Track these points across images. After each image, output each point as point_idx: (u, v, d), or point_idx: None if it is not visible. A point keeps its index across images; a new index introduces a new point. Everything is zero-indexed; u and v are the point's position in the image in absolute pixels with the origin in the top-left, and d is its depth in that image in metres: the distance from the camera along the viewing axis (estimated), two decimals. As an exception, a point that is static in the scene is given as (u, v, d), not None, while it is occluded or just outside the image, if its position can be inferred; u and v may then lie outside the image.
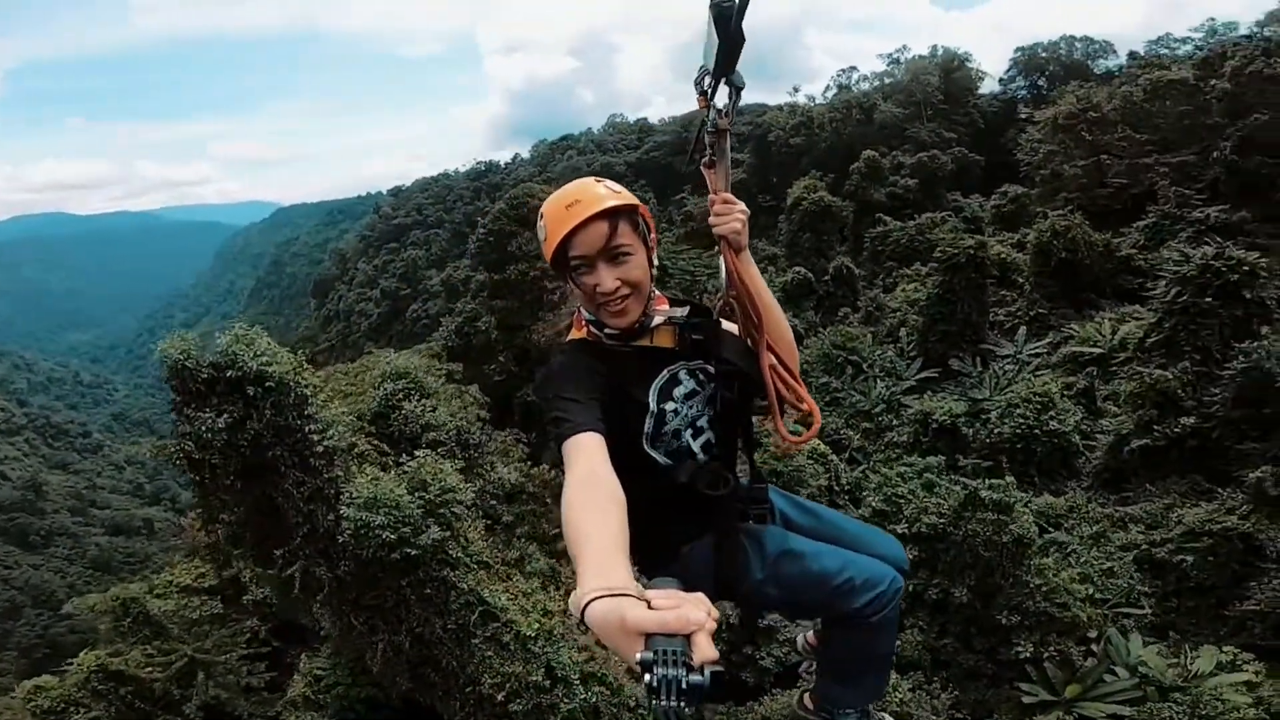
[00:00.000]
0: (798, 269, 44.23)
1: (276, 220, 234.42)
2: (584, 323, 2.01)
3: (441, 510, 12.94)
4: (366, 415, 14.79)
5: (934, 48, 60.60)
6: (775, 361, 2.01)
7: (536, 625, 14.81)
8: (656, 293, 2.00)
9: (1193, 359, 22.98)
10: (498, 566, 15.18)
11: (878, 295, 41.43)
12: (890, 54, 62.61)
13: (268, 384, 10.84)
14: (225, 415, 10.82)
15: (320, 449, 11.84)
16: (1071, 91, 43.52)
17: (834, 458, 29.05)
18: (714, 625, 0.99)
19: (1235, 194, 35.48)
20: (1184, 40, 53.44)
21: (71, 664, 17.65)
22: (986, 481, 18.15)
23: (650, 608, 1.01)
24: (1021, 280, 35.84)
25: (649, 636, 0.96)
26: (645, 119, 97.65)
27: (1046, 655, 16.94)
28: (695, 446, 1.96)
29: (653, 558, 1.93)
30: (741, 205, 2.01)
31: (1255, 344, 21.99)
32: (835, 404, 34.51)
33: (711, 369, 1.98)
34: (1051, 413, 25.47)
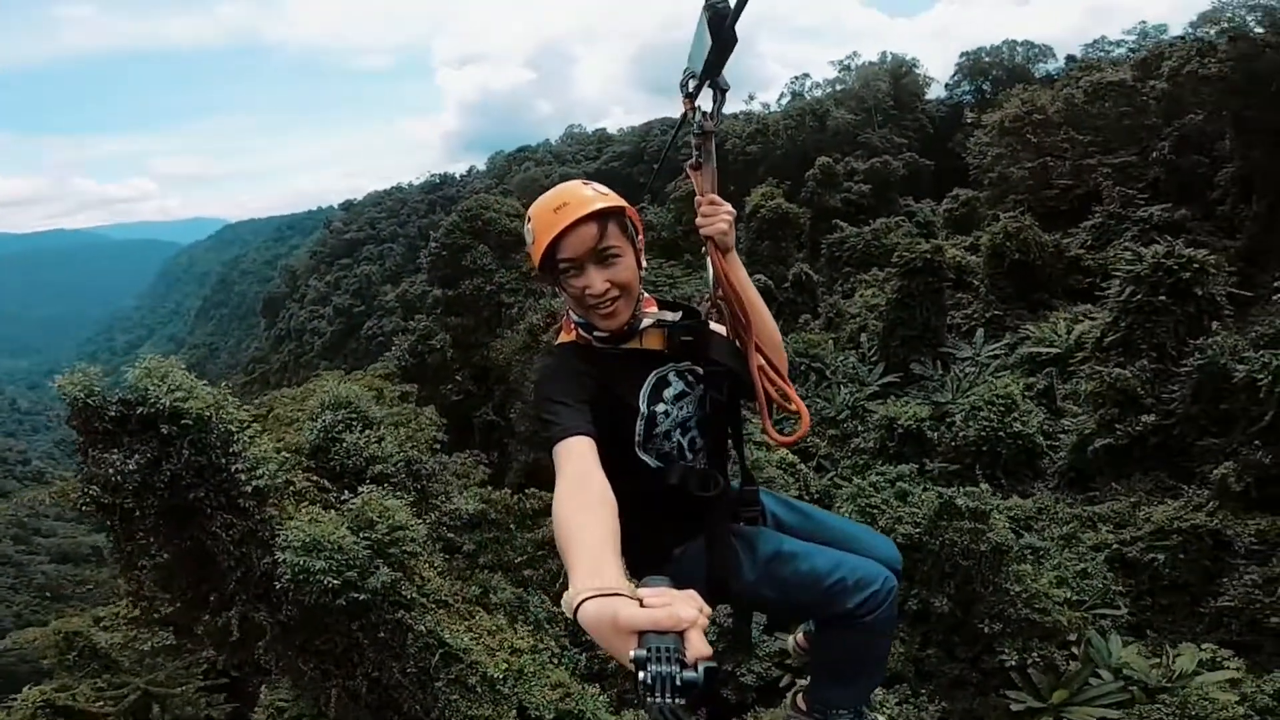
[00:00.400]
0: (758, 277, 43.80)
1: (223, 237, 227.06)
2: (573, 326, 1.97)
3: (391, 550, 11.82)
4: (304, 449, 13.56)
5: (883, 54, 61.34)
6: (763, 362, 2.00)
7: (504, 665, 13.75)
8: (645, 295, 1.98)
9: (1150, 357, 23.07)
10: (458, 604, 14.06)
11: (837, 301, 41.31)
12: (842, 61, 63.26)
13: (184, 421, 9.63)
14: (137, 456, 9.56)
15: (249, 489, 10.63)
16: (1016, 95, 44.22)
17: (802, 466, 28.56)
18: (706, 622, 0.98)
19: (1174, 193, 36.29)
20: (1118, 43, 55.06)
21: (15, 699, 16.52)
22: (961, 489, 17.70)
23: (642, 606, 1.00)
24: (976, 283, 36.03)
25: (642, 634, 0.95)
26: (604, 129, 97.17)
27: (1030, 661, 16.56)
28: (684, 447, 1.95)
29: (645, 561, 1.86)
30: (728, 206, 2.00)
31: (1209, 340, 22.17)
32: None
33: (700, 370, 1.98)
34: (1015, 414, 25.36)
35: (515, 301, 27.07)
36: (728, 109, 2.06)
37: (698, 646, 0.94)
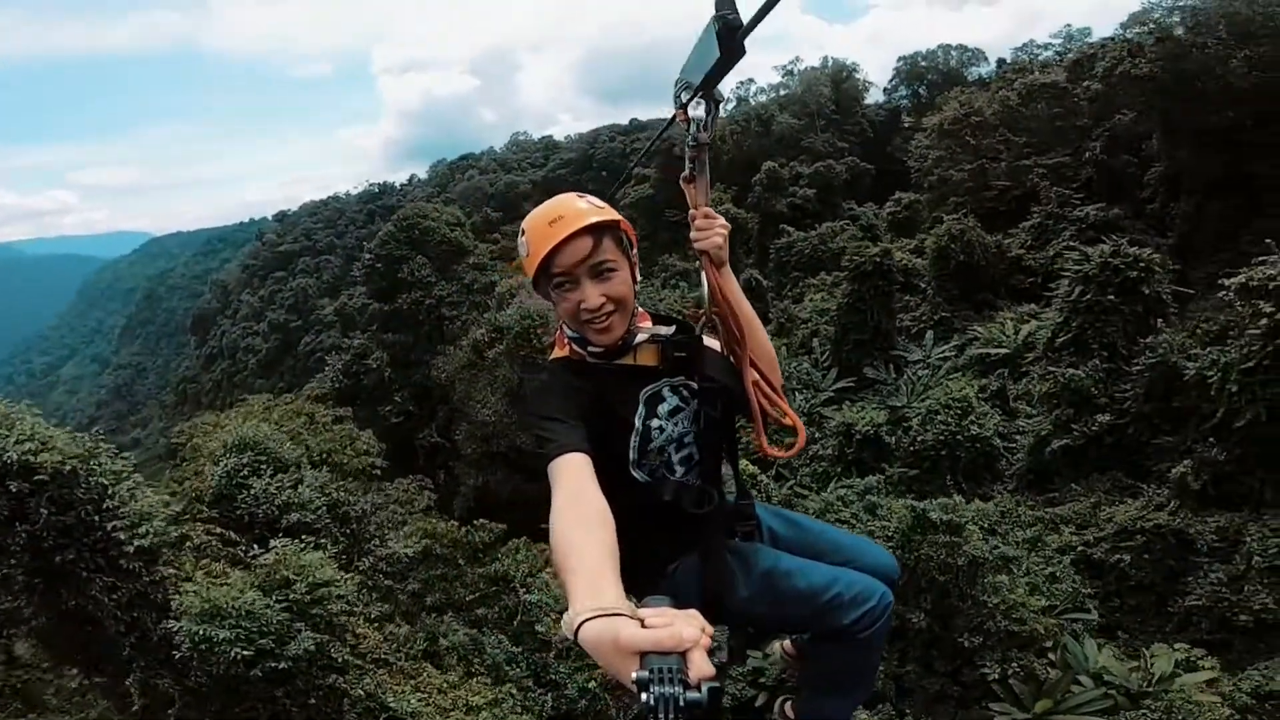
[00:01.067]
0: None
1: (149, 251, 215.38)
2: (566, 341, 1.94)
3: (315, 611, 10.16)
4: (205, 497, 11.72)
5: (824, 59, 61.62)
6: (758, 377, 1.99)
7: (459, 726, 12.18)
8: (639, 309, 1.94)
9: (1101, 356, 22.91)
10: (401, 662, 12.41)
11: (788, 306, 40.76)
12: (785, 66, 63.30)
13: (38, 477, 7.85)
14: (-17, 519, 7.74)
15: (131, 548, 8.86)
16: (954, 97, 44.61)
17: (762, 477, 27.65)
18: (709, 642, 0.97)
19: (1106, 192, 36.95)
20: (1045, 46, 56.48)
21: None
22: (934, 501, 16.96)
23: (644, 626, 0.99)
24: (923, 285, 35.91)
25: (644, 655, 0.94)
26: (550, 136, 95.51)
27: (1011, 672, 15.89)
28: (678, 463, 1.92)
29: (639, 578, 1.60)
30: (722, 220, 1.95)
31: (1158, 338, 22.14)
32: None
33: (695, 385, 1.94)
34: (972, 417, 24.97)
35: (457, 316, 25.36)
36: (695, 109, 1.91)
37: (700, 667, 0.92)
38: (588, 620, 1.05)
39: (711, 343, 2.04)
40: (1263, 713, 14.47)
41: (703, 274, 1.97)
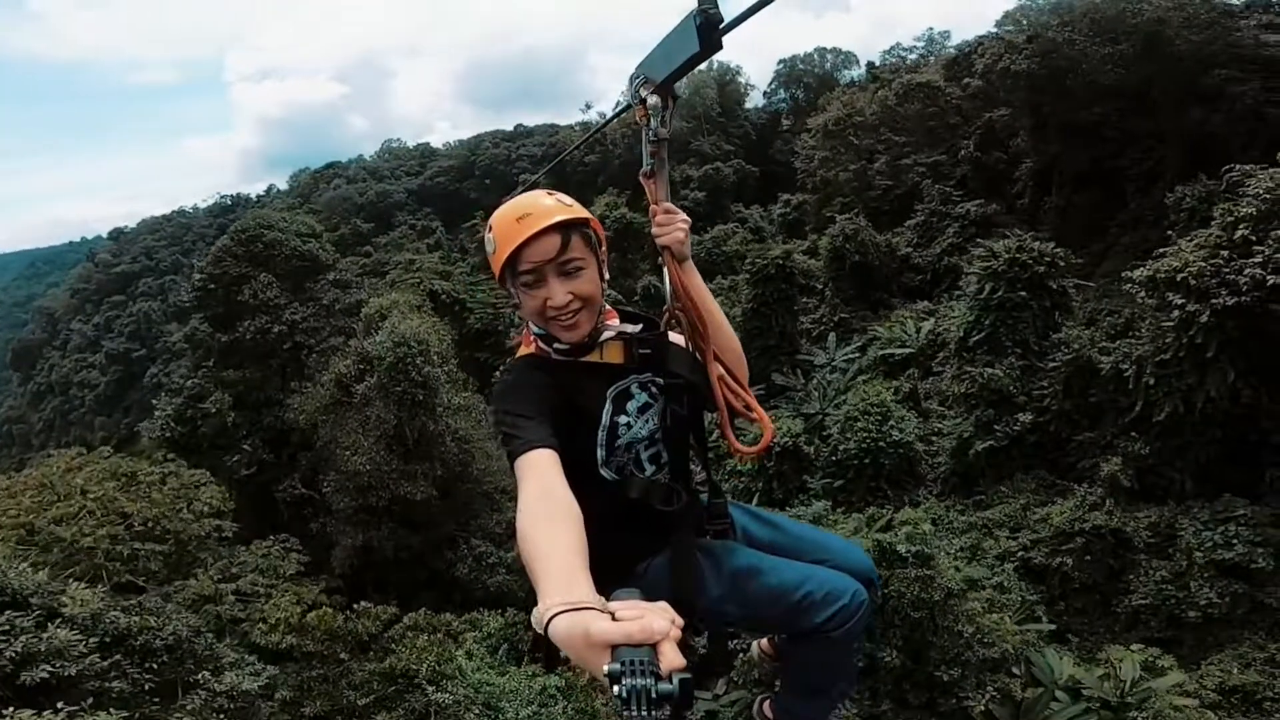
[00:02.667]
0: (607, 292, 40.06)
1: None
2: (532, 339, 1.87)
3: None
4: None
5: (709, 62, 60.37)
6: (723, 372, 1.93)
7: None
8: (606, 307, 1.89)
9: (1016, 354, 21.97)
10: None
11: (688, 312, 38.50)
12: (668, 70, 61.13)
13: None
14: None
15: None
16: (837, 98, 44.16)
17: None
18: (679, 633, 0.96)
19: (981, 189, 37.38)
20: (910, 49, 58.04)
21: None
22: (902, 532, 14.88)
23: (614, 619, 0.97)
24: (820, 286, 34.66)
25: (615, 648, 0.93)
26: (427, 144, 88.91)
27: (989, 697, 14.11)
28: (646, 461, 1.86)
29: (609, 576, 1.44)
30: (683, 215, 1.92)
31: (1071, 333, 21.45)
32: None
33: (662, 381, 1.89)
34: (892, 422, 23.48)
35: (316, 344, 20.82)
36: (560, 122, 2.27)
37: (671, 658, 0.92)
38: (558, 614, 1.03)
39: (679, 339, 1.96)
40: (1230, 707, 14.19)
41: (664, 270, 1.93)
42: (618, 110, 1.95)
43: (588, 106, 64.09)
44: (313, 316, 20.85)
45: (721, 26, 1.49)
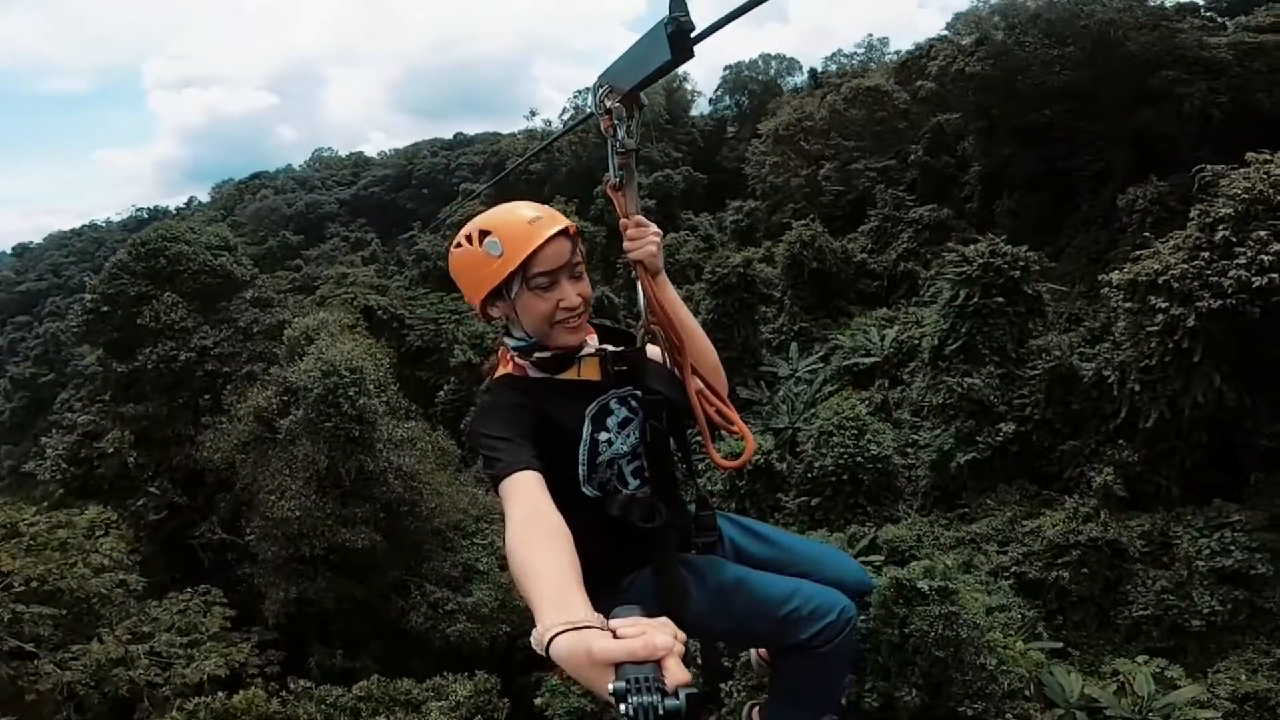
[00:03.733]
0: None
1: None
2: (509, 358, 1.82)
3: None
4: None
5: (657, 69, 58.96)
6: (701, 385, 1.87)
7: None
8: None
9: (994, 362, 20.91)
10: None
11: (644, 323, 36.59)
12: (614, 76, 59.38)
13: None
14: None
15: None
16: (787, 103, 43.27)
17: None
18: (682, 649, 0.94)
19: (931, 193, 36.93)
20: (851, 55, 58.14)
21: None
22: (920, 566, 13.34)
23: (616, 637, 0.95)
24: (778, 295, 33.30)
25: (619, 666, 0.91)
26: (361, 153, 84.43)
27: None
28: (630, 475, 1.81)
29: (594, 592, 1.39)
30: (654, 227, 1.88)
31: (1049, 340, 20.54)
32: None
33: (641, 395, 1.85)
34: (869, 436, 22.14)
35: (233, 372, 17.84)
36: (508, 128, 1.71)
37: (676, 674, 0.89)
38: (559, 634, 1.01)
39: (656, 351, 1.92)
40: (1245, 715, 13.71)
41: (638, 283, 1.87)
42: (579, 119, 1.94)
43: (532, 114, 62.07)
44: (227, 341, 17.87)
45: (694, 34, 1.44)
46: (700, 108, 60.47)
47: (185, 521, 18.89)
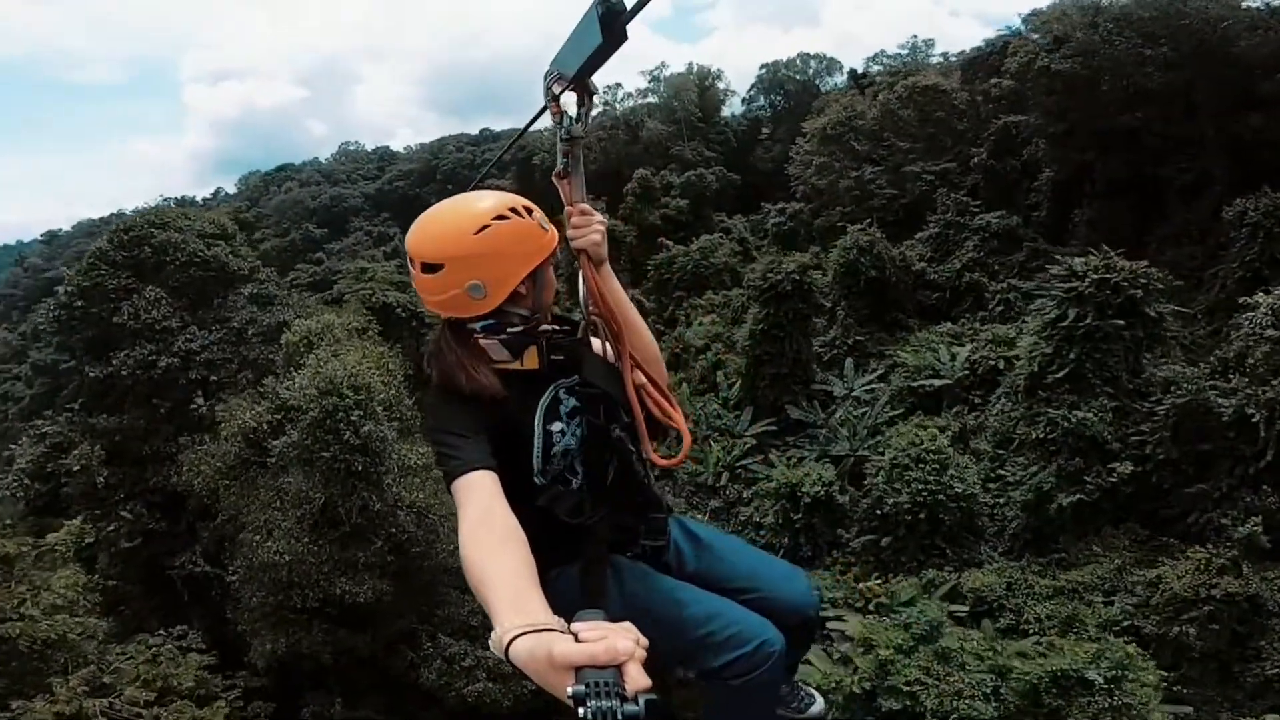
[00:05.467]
0: (585, 308, 34.85)
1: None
2: None
3: None
4: None
5: (689, 64, 55.87)
6: (643, 379, 1.77)
7: None
8: None
9: (1106, 393, 17.57)
10: None
11: (682, 333, 33.43)
12: (651, 71, 56.55)
13: None
14: None
15: None
16: (835, 100, 39.96)
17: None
18: (644, 654, 0.91)
19: (994, 199, 33.46)
20: (894, 56, 54.97)
21: None
22: (1086, 649, 10.24)
23: (577, 640, 0.93)
24: (830, 305, 29.95)
25: (579, 670, 0.89)
26: (387, 147, 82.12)
27: None
28: (579, 467, 1.70)
29: None
30: (600, 216, 1.80)
31: (1178, 370, 17.21)
32: (665, 478, 25.42)
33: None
34: (952, 471, 18.91)
35: (222, 381, 14.88)
36: (537, 125, 1.83)
37: (636, 679, 0.87)
38: (519, 636, 0.99)
39: (598, 343, 1.83)
40: None
41: (580, 274, 1.78)
42: (538, 113, 1.77)
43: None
44: (217, 344, 14.96)
45: (624, 16, 1.37)
46: (733, 107, 57.28)
47: (163, 549, 16.00)
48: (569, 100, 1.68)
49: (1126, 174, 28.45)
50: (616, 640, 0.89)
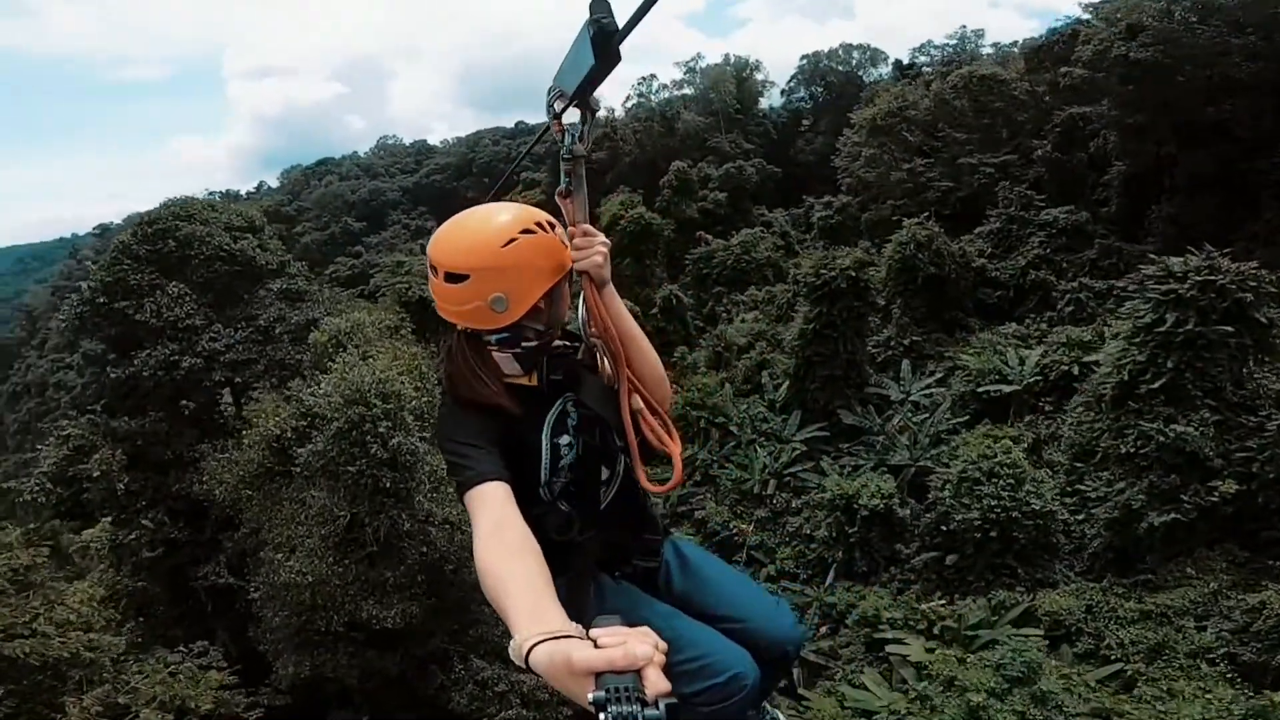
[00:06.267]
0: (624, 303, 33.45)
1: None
2: None
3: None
4: None
5: (726, 55, 53.93)
6: (641, 405, 1.72)
7: None
8: None
9: (1209, 406, 15.59)
10: None
11: (725, 331, 31.86)
12: (686, 62, 54.79)
13: None
14: None
15: None
16: (885, 89, 37.82)
17: (737, 557, 18.50)
18: (663, 659, 0.91)
19: (1058, 194, 31.12)
20: (942, 46, 52.51)
21: None
22: (1221, 696, 8.67)
23: (596, 646, 0.93)
24: (883, 302, 28.07)
25: (599, 675, 0.88)
26: (425, 141, 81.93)
27: None
28: (573, 487, 1.72)
29: None
30: (602, 237, 1.74)
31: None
32: (708, 484, 24.00)
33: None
34: (1029, 486, 17.13)
35: (247, 382, 13.90)
36: (570, 118, 1.67)
37: (656, 684, 0.87)
38: (538, 643, 0.99)
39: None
40: None
41: (581, 295, 1.77)
42: (540, 133, 1.75)
43: (596, 102, 57.07)
44: (243, 344, 13.99)
45: (616, 36, 1.33)
46: (771, 99, 55.19)
47: (187, 558, 15.13)
48: (571, 117, 1.63)
49: (1212, 168, 25.95)
50: (635, 645, 0.88)
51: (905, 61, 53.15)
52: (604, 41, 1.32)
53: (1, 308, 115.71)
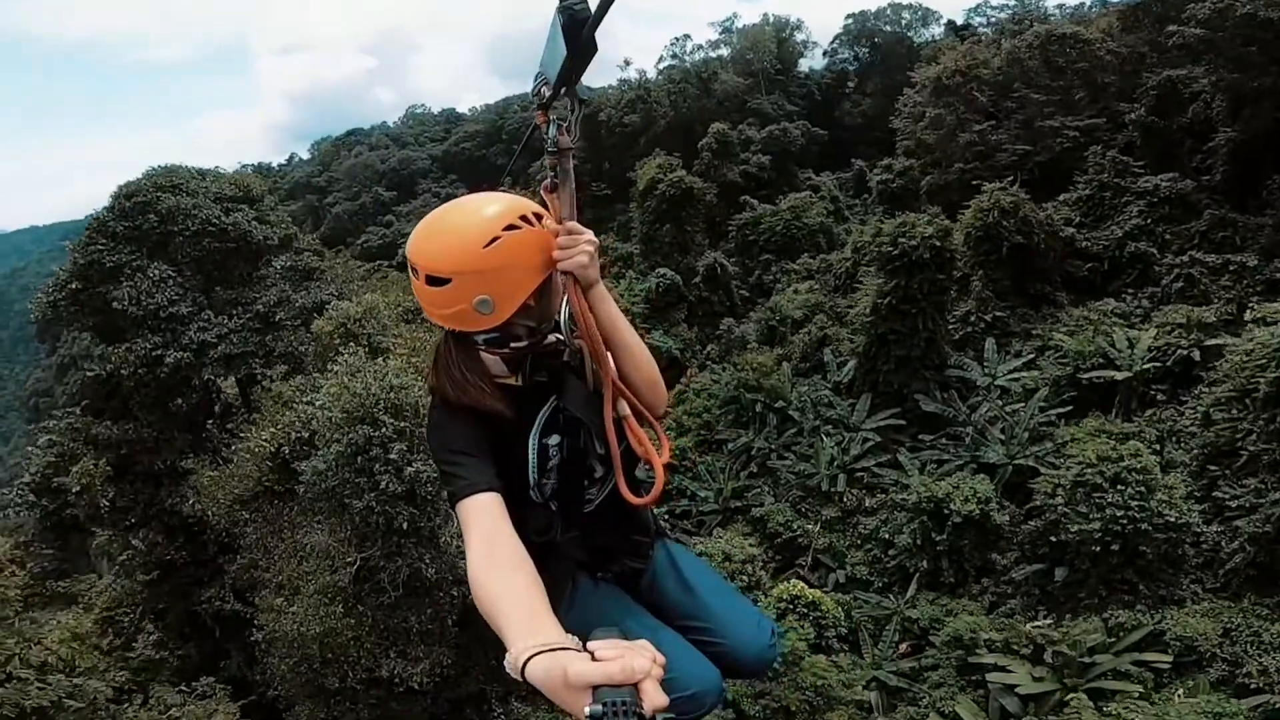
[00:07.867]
0: (662, 272, 30.50)
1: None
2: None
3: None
4: None
5: (765, 15, 49.57)
6: (628, 412, 1.59)
7: None
8: None
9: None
10: None
11: (777, 302, 28.79)
12: (722, 22, 50.51)
13: None
14: None
15: None
16: (949, 47, 33.82)
17: (808, 592, 15.90)
18: (661, 672, 0.88)
19: (1154, 161, 27.14)
20: (1000, 7, 47.66)
21: None
22: None
23: (594, 659, 0.90)
24: (963, 274, 24.67)
25: (596, 689, 0.86)
26: (453, 109, 78.83)
27: None
28: (556, 488, 1.65)
29: None
30: (589, 235, 1.54)
31: None
32: (766, 476, 21.28)
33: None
34: (1160, 495, 14.12)
35: (253, 376, 11.54)
36: (600, 81, 1.54)
37: (654, 698, 0.85)
38: (535, 656, 0.98)
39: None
40: None
41: (565, 297, 1.58)
42: (530, 130, 1.60)
43: (626, 64, 53.07)
44: (238, 334, 11.56)
45: (589, 25, 1.19)
46: (813, 60, 50.82)
47: (188, 580, 12.96)
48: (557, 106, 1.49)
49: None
50: (633, 659, 0.87)
51: (959, 23, 48.46)
52: (575, 33, 1.18)
53: (47, 283, 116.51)
